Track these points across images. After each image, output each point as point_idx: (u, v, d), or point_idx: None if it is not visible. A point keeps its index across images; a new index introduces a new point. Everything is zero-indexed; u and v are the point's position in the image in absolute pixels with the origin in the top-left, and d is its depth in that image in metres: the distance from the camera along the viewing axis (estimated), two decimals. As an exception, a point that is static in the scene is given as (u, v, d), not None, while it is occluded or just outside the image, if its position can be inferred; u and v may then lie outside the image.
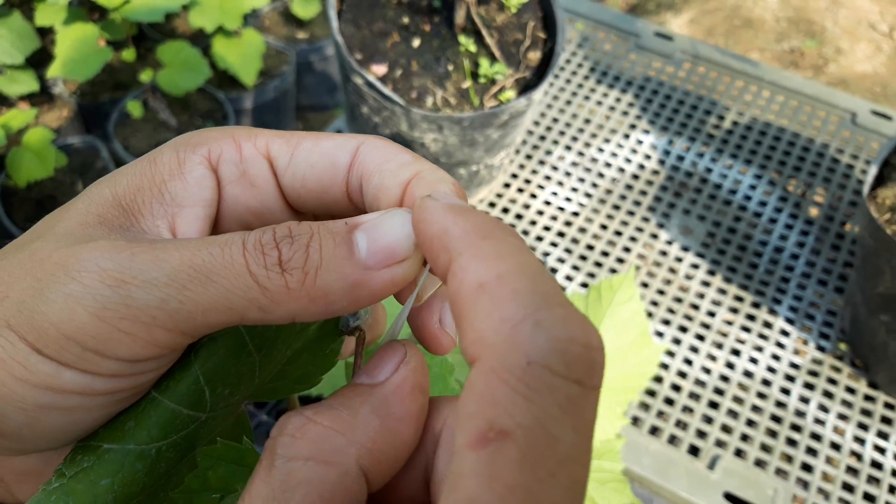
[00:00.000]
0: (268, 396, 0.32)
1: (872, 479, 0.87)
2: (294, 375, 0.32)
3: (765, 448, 0.88)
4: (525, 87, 0.95)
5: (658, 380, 0.92)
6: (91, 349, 0.24)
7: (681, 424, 0.89)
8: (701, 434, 0.88)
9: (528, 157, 1.14)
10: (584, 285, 1.00)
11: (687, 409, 0.91)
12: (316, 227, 0.25)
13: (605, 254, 1.04)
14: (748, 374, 0.94)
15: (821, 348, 0.97)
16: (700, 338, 0.97)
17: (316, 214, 0.31)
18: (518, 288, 0.19)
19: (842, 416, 0.91)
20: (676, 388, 0.92)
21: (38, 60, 1.57)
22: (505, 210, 1.07)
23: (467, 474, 0.17)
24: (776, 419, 0.91)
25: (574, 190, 1.11)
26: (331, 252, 0.24)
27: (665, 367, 0.94)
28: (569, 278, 1.00)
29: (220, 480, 0.29)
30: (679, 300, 1.00)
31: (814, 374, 0.95)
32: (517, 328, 0.18)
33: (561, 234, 1.05)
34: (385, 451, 0.23)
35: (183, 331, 0.24)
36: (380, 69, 0.92)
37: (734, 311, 1.00)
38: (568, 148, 1.16)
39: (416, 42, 0.95)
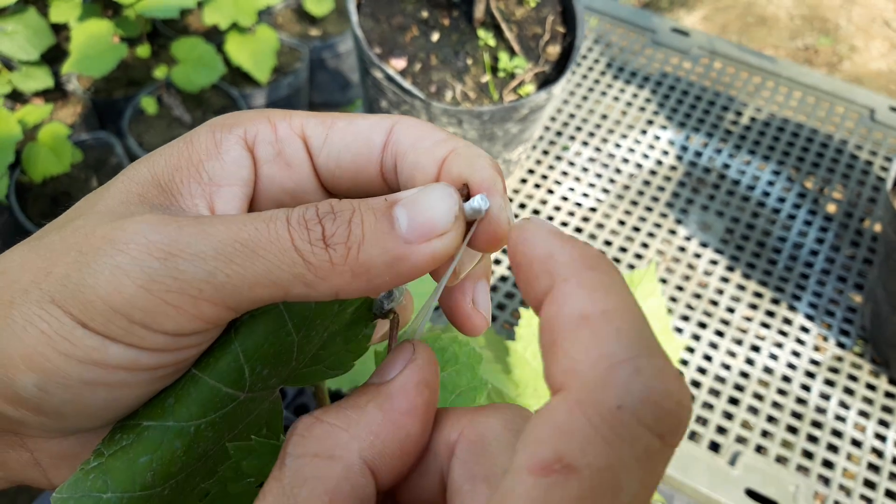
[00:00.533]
0: (301, 382, 0.32)
1: (894, 476, 0.86)
2: (327, 361, 0.32)
3: (786, 444, 0.88)
4: (544, 82, 0.94)
5: (678, 375, 0.92)
6: (138, 322, 0.24)
7: (701, 420, 0.89)
8: (721, 430, 0.88)
9: (546, 152, 1.13)
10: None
11: (707, 406, 0.90)
12: (357, 204, 0.25)
13: (623, 250, 1.03)
14: (768, 370, 0.94)
15: (841, 345, 0.97)
16: (720, 333, 0.96)
17: (350, 194, 0.31)
18: (622, 328, 0.19)
19: (863, 413, 0.91)
20: (696, 384, 0.92)
21: (53, 57, 1.58)
22: (522, 205, 1.07)
23: (521, 497, 0.18)
24: (797, 416, 0.90)
25: (591, 185, 1.10)
26: (372, 227, 0.25)
27: (685, 363, 0.93)
28: (587, 274, 1.00)
29: (253, 469, 0.29)
30: (698, 296, 1.00)
31: (834, 370, 0.95)
32: (615, 369, 0.18)
33: (578, 230, 1.05)
34: (389, 445, 0.24)
35: (228, 305, 0.24)
36: (399, 63, 0.92)
37: (753, 306, 0.99)
38: (585, 144, 1.15)
39: (436, 36, 0.95)
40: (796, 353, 0.95)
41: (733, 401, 0.91)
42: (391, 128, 0.29)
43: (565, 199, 1.08)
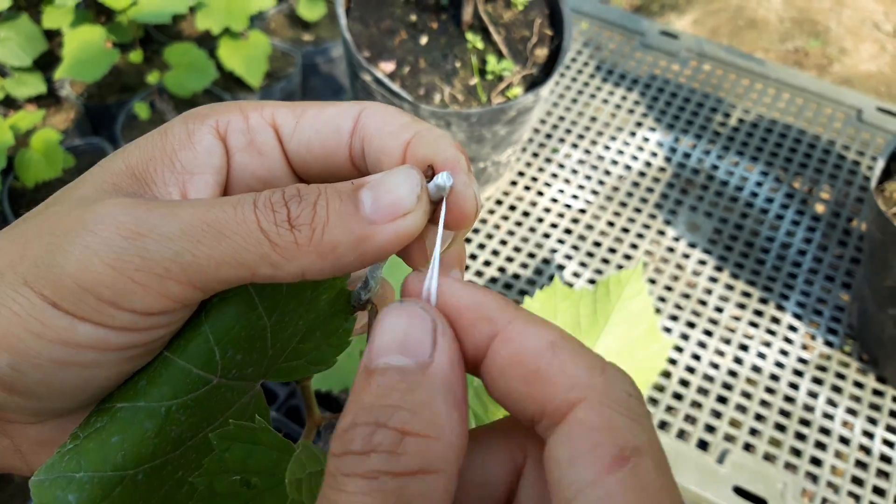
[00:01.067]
0: (284, 376, 0.32)
1: (882, 473, 0.87)
2: (309, 355, 0.32)
3: (774, 442, 0.88)
4: (532, 84, 0.95)
5: (666, 375, 0.93)
6: (106, 300, 0.24)
7: (689, 419, 0.89)
8: (710, 429, 0.88)
9: (535, 154, 1.14)
10: (592, 282, 1.00)
11: (695, 404, 0.91)
12: (323, 188, 0.26)
13: (612, 251, 1.04)
14: (756, 369, 0.94)
15: (829, 343, 0.97)
16: (708, 333, 0.97)
17: (320, 179, 0.32)
18: (577, 346, 0.23)
19: (850, 411, 0.91)
20: (685, 383, 0.92)
21: (46, 63, 1.58)
22: (512, 207, 1.08)
23: (619, 492, 0.20)
24: (785, 414, 0.91)
25: (580, 187, 1.11)
26: (337, 208, 0.25)
27: (673, 362, 0.94)
28: (576, 275, 1.01)
29: (236, 462, 0.29)
30: (687, 296, 1.00)
31: (822, 368, 0.95)
32: (605, 372, 0.22)
33: (568, 232, 1.06)
34: (465, 445, 0.22)
35: (195, 284, 0.25)
36: (388, 66, 0.92)
37: (742, 306, 1.00)
38: (574, 146, 1.16)
39: (424, 39, 0.96)
40: (784, 352, 0.96)
41: (722, 399, 0.91)
42: (359, 113, 0.29)
43: (555, 200, 1.09)
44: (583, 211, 1.08)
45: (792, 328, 0.98)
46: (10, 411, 0.27)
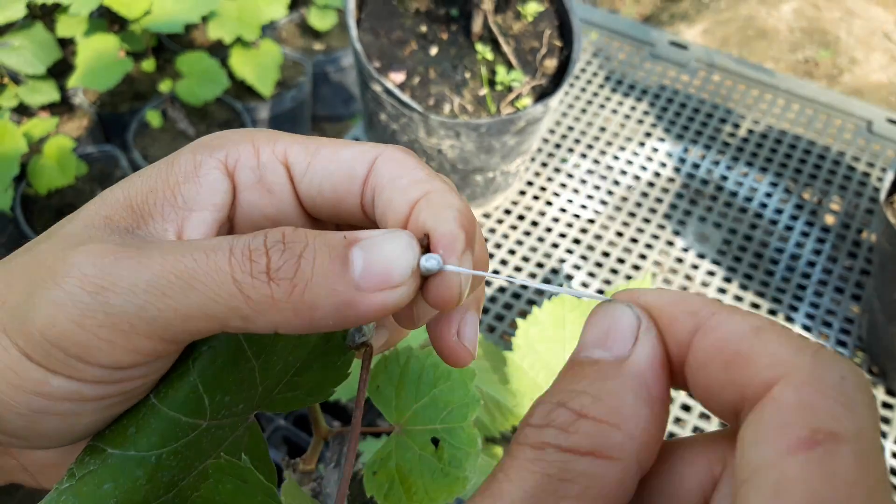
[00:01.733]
0: (279, 407, 0.32)
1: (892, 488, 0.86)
2: (305, 387, 0.32)
3: (782, 454, 0.88)
4: (541, 95, 0.95)
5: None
6: (74, 356, 0.24)
7: (697, 431, 0.89)
8: (718, 440, 0.88)
9: (544, 164, 1.14)
10: (601, 292, 1.00)
11: (704, 416, 0.90)
12: (312, 237, 0.24)
13: (620, 261, 1.04)
14: (765, 380, 0.94)
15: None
16: (716, 344, 0.97)
17: (334, 223, 0.31)
18: (785, 330, 0.21)
19: (860, 423, 0.91)
20: (692, 393, 0.92)
21: (60, 71, 1.60)
22: (521, 217, 1.08)
23: (797, 477, 0.17)
24: (794, 426, 0.90)
25: (590, 197, 1.11)
26: (324, 266, 0.24)
27: (682, 373, 0.94)
28: (584, 285, 1.01)
29: (228, 495, 0.29)
30: (695, 307, 1.00)
31: (831, 380, 0.95)
32: (818, 352, 0.19)
33: (577, 242, 1.06)
34: (653, 444, 0.21)
35: (163, 338, 0.24)
36: (398, 77, 0.93)
37: (751, 317, 1.00)
38: (583, 156, 1.16)
39: (434, 50, 0.96)
40: (793, 364, 0.96)
41: (730, 411, 0.91)
42: (374, 159, 0.28)
43: (563, 210, 1.09)
44: (592, 221, 1.08)
45: (801, 340, 0.98)
46: (5, 444, 0.27)
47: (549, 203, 1.10)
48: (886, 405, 0.93)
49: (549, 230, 1.07)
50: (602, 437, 0.20)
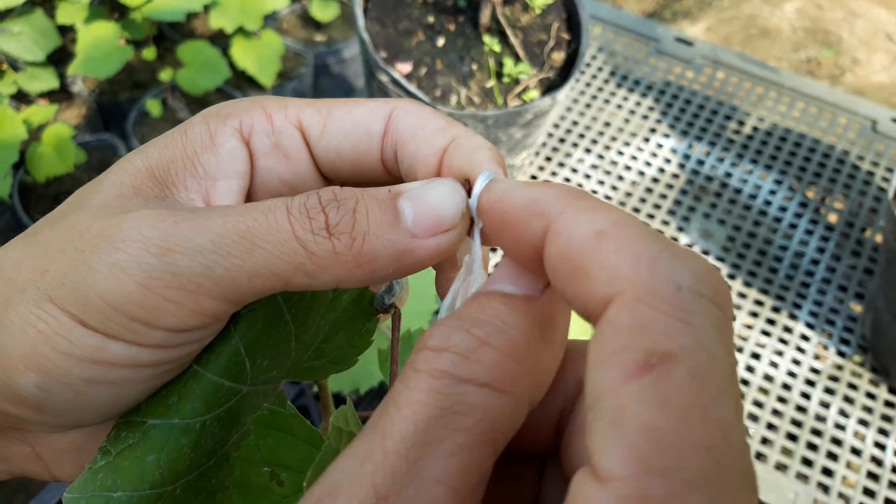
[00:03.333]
0: (305, 376, 0.32)
1: (893, 485, 0.86)
2: (331, 355, 0.32)
3: (785, 452, 0.88)
4: (548, 88, 0.95)
5: (678, 382, 0.92)
6: (137, 319, 0.23)
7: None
8: (721, 437, 0.88)
9: (548, 158, 1.14)
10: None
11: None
12: (360, 193, 0.25)
13: (624, 256, 1.04)
14: (768, 377, 0.94)
15: (841, 353, 0.97)
16: (720, 341, 0.97)
17: (350, 183, 0.31)
18: (639, 231, 0.19)
19: (862, 422, 0.91)
20: (696, 390, 0.92)
21: (59, 58, 1.58)
22: (525, 211, 1.07)
23: (632, 404, 0.16)
24: (797, 423, 0.90)
25: (594, 192, 1.11)
26: (378, 218, 0.24)
27: (685, 369, 0.93)
28: (589, 279, 1.00)
29: (269, 451, 0.29)
30: (699, 303, 1.00)
31: (834, 379, 0.95)
32: (656, 260, 0.18)
33: (581, 236, 1.05)
34: (546, 383, 0.21)
35: (228, 298, 0.24)
36: (405, 67, 0.92)
37: (754, 314, 1.00)
38: (588, 151, 1.16)
39: (441, 41, 0.95)
40: (796, 362, 0.96)
41: (733, 408, 0.91)
42: (390, 114, 0.28)
43: (568, 205, 1.09)
44: (596, 216, 1.08)
45: (804, 337, 0.98)
46: (34, 426, 0.26)
47: (553, 197, 1.09)
48: (889, 403, 0.93)
49: (552, 224, 1.06)
50: (501, 370, 0.20)
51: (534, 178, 1.11)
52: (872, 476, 0.87)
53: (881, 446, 0.89)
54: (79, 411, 0.25)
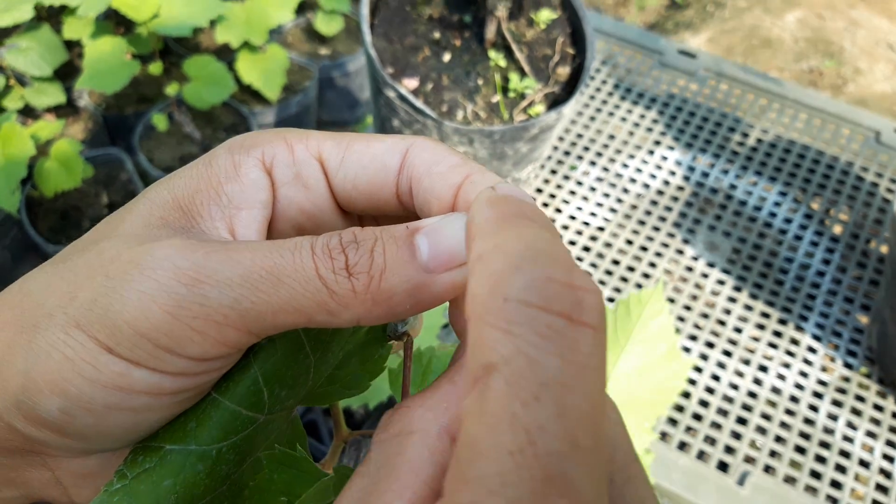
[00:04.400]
0: (319, 401, 0.32)
1: (903, 498, 0.86)
2: (343, 381, 0.33)
3: (794, 465, 0.88)
4: (554, 102, 0.95)
5: (686, 395, 0.92)
6: (163, 347, 0.24)
7: (709, 440, 0.89)
8: (730, 450, 0.88)
9: (554, 172, 1.14)
10: (611, 300, 1.00)
11: (715, 425, 0.90)
12: (379, 232, 0.26)
13: (630, 269, 1.04)
14: (776, 390, 0.94)
15: (848, 365, 0.97)
16: (727, 353, 0.97)
17: (365, 215, 0.32)
18: (509, 250, 0.20)
19: (870, 434, 0.91)
20: (704, 403, 0.92)
21: (66, 73, 1.59)
22: (531, 224, 1.08)
23: (465, 420, 0.18)
24: (805, 436, 0.90)
25: (599, 205, 1.11)
26: (394, 255, 0.25)
27: (693, 382, 0.94)
28: (595, 292, 1.01)
29: (284, 484, 0.29)
30: (706, 315, 1.00)
31: (842, 391, 0.95)
32: (499, 276, 0.19)
33: (586, 249, 1.06)
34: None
35: (251, 330, 0.25)
36: (411, 83, 0.93)
37: (761, 326, 1.00)
38: (593, 163, 1.16)
39: (447, 56, 0.96)
40: (804, 374, 0.96)
41: (741, 421, 0.91)
42: (406, 150, 0.29)
43: (573, 218, 1.09)
44: (601, 228, 1.08)
45: (811, 349, 0.98)
46: (56, 450, 0.26)
47: (558, 211, 1.10)
48: (897, 416, 0.93)
49: (559, 237, 1.07)
50: (405, 418, 0.23)
51: (539, 191, 1.11)
52: (881, 488, 0.87)
53: (890, 458, 0.89)
54: (98, 436, 0.26)
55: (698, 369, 0.95)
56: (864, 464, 0.89)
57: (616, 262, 1.05)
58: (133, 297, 0.24)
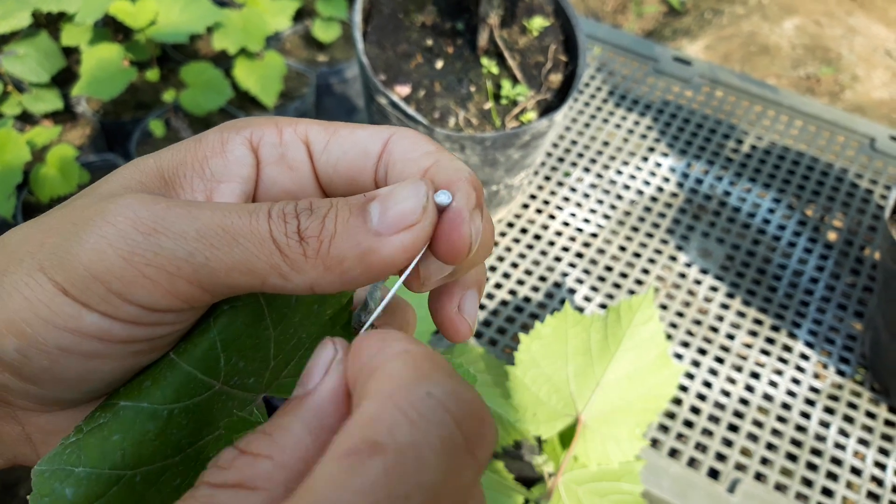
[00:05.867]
0: (285, 392, 0.33)
1: (894, 506, 0.86)
2: None
3: (785, 472, 0.88)
4: (546, 109, 0.96)
5: (677, 402, 0.92)
6: (115, 292, 0.25)
7: (700, 447, 0.89)
8: (721, 457, 0.88)
9: (547, 178, 1.15)
10: (603, 306, 1.00)
11: (706, 432, 0.90)
12: (335, 201, 0.26)
13: (623, 275, 1.04)
14: (768, 397, 0.94)
15: (841, 372, 0.97)
16: (719, 360, 0.97)
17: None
18: (444, 364, 0.21)
19: (862, 441, 0.91)
20: (695, 410, 0.92)
21: (64, 79, 1.60)
22: (523, 230, 1.08)
23: (323, 479, 0.18)
24: (796, 443, 0.90)
25: (592, 211, 1.11)
26: (345, 221, 0.26)
27: (684, 389, 0.93)
28: (587, 299, 1.01)
29: None
30: (698, 322, 1.00)
31: (834, 398, 0.95)
32: (421, 364, 0.20)
33: (579, 255, 1.06)
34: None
35: (204, 286, 0.25)
36: (403, 90, 0.93)
37: (753, 333, 1.00)
38: (586, 170, 1.16)
39: (440, 64, 0.96)
40: (796, 381, 0.96)
41: (733, 428, 0.91)
42: (388, 138, 0.30)
43: (566, 224, 1.09)
44: (594, 235, 1.08)
45: (804, 356, 0.98)
46: (19, 397, 0.27)
47: (551, 217, 1.10)
48: (889, 423, 0.93)
49: (551, 244, 1.07)
50: (249, 470, 0.22)
51: (532, 197, 1.12)
52: (873, 496, 0.87)
53: (881, 466, 0.89)
54: (53, 381, 0.26)
55: (690, 376, 0.95)
56: (855, 471, 0.89)
57: (609, 269, 1.05)
58: (91, 240, 0.25)
